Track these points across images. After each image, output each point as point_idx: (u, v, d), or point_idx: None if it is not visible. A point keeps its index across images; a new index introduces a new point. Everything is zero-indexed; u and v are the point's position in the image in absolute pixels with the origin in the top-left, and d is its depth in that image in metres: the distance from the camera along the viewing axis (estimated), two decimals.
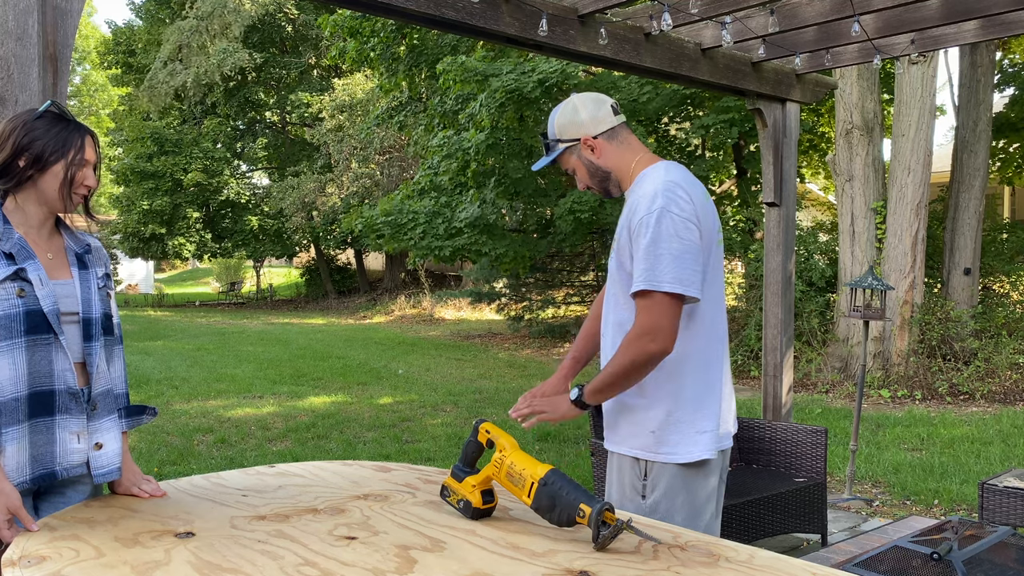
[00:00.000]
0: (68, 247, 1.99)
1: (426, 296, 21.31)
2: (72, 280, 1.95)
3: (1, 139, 1.87)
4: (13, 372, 1.81)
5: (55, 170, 1.89)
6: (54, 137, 1.89)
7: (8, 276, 1.81)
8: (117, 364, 2.07)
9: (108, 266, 2.08)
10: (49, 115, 1.91)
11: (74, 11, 2.31)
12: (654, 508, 2.11)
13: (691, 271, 2.01)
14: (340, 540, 1.65)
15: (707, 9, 3.58)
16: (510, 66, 11.03)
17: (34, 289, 1.84)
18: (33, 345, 1.84)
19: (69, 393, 1.88)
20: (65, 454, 1.88)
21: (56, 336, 1.86)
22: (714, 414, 2.13)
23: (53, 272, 1.92)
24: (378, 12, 3.14)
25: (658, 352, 2.01)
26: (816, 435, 4.07)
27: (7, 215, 1.89)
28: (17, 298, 1.82)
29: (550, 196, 13.03)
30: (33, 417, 1.84)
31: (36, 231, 1.93)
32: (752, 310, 10.70)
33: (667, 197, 2.03)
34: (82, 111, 44.78)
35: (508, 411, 2.31)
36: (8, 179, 1.88)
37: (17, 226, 1.89)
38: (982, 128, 9.93)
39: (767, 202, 4.85)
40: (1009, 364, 8.84)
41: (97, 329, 1.96)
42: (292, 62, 26.25)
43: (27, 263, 1.85)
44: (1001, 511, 3.72)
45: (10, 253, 1.83)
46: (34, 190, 1.90)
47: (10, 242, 1.84)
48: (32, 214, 1.92)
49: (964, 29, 4.08)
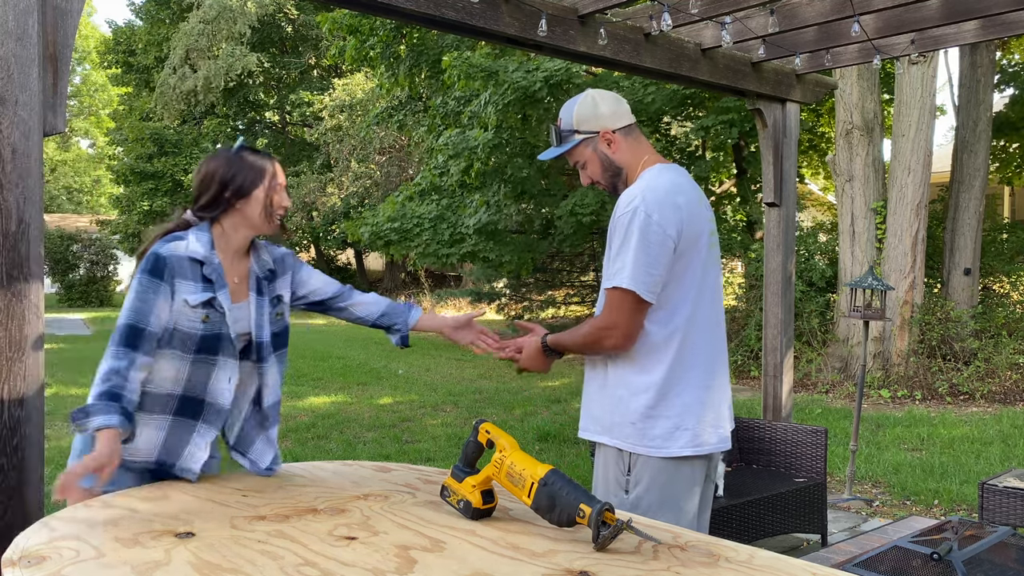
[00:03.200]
0: (252, 271, 2.22)
1: (426, 296, 21.31)
2: (247, 303, 2.18)
3: (208, 177, 2.14)
4: (174, 375, 2.08)
5: (256, 195, 2.14)
6: (249, 168, 2.15)
7: (202, 302, 2.07)
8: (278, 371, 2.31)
9: (288, 279, 2.30)
10: (244, 150, 2.17)
11: (74, 11, 2.31)
12: (636, 504, 2.11)
13: (647, 274, 2.05)
14: (340, 540, 1.65)
15: (707, 9, 3.58)
16: (515, 64, 11.01)
17: (219, 317, 2.09)
18: (200, 362, 2.09)
19: (216, 409, 2.13)
20: (190, 457, 2.10)
21: (224, 357, 2.11)
22: (701, 413, 2.13)
23: (234, 296, 2.15)
24: (378, 12, 3.14)
25: (611, 348, 2.12)
26: (816, 435, 4.07)
27: (215, 239, 2.14)
28: (201, 323, 2.07)
29: (554, 196, 13.01)
30: (179, 415, 2.09)
31: (232, 255, 2.17)
32: (752, 310, 10.70)
33: (644, 199, 2.07)
34: (82, 111, 44.75)
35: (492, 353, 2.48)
36: (215, 208, 2.14)
37: (220, 251, 2.15)
38: (982, 128, 9.93)
39: (767, 202, 4.85)
40: (1009, 364, 8.84)
41: (267, 351, 2.21)
42: (292, 62, 26.26)
43: (220, 291, 2.10)
44: (1001, 511, 3.72)
45: (210, 278, 2.09)
46: (238, 216, 2.15)
47: (211, 267, 2.10)
48: (235, 239, 2.17)
49: (964, 29, 4.08)
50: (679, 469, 2.12)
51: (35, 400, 2.20)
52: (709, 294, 2.19)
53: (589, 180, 2.30)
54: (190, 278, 2.07)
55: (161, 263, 2.04)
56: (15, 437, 2.15)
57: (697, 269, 2.14)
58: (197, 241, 2.10)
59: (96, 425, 1.89)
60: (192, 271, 2.07)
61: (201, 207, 2.15)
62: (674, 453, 2.10)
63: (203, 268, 2.08)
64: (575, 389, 9.51)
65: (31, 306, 2.20)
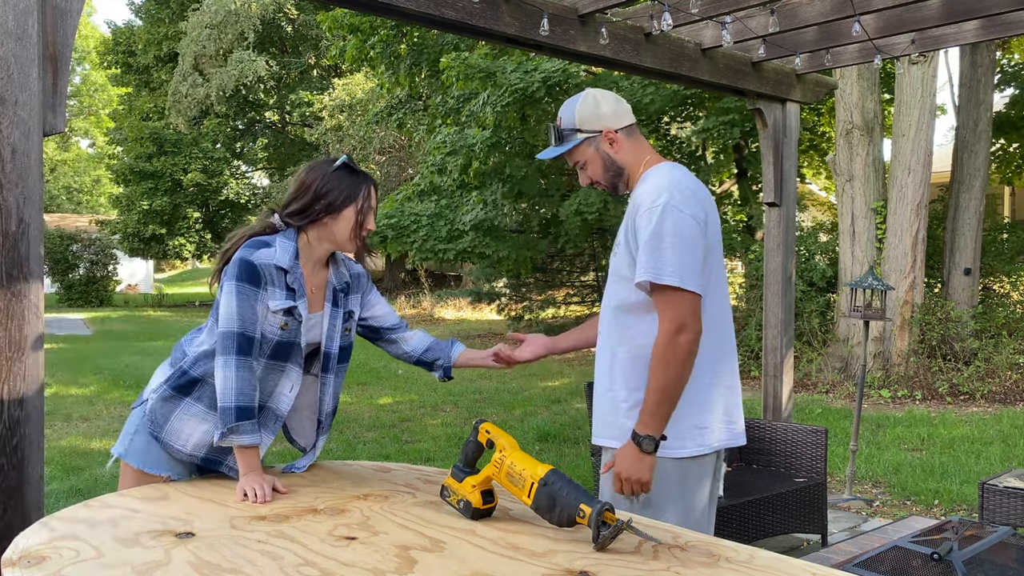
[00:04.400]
0: (330, 282, 2.26)
1: (426, 296, 21.30)
2: (322, 314, 2.23)
3: (304, 186, 2.17)
4: None
5: (347, 214, 2.17)
6: (348, 186, 2.17)
7: (284, 309, 2.12)
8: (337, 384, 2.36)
9: (359, 298, 2.35)
10: (344, 167, 2.18)
11: (74, 11, 2.30)
12: (647, 504, 2.11)
13: (692, 266, 2.03)
14: (340, 540, 1.65)
15: (707, 9, 3.58)
16: (513, 64, 11.01)
17: (296, 326, 2.14)
18: (270, 368, 2.15)
19: (275, 414, 2.19)
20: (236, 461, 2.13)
21: (292, 364, 2.17)
22: (711, 411, 2.13)
23: (311, 305, 2.20)
24: (378, 12, 3.14)
25: (691, 340, 2.03)
26: (816, 435, 4.07)
27: (300, 248, 2.18)
28: (280, 329, 2.12)
29: (553, 196, 13.01)
30: None
31: (313, 266, 2.21)
32: (752, 310, 10.70)
33: (672, 193, 2.06)
34: (82, 111, 44.74)
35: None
36: (303, 217, 2.16)
37: (304, 261, 2.19)
38: (982, 128, 9.92)
39: (767, 202, 4.85)
40: (1009, 364, 8.84)
41: (333, 363, 2.25)
42: (292, 62, 26.24)
43: (300, 300, 2.14)
44: (1001, 511, 3.72)
45: (292, 287, 2.13)
46: (324, 230, 2.18)
47: (294, 276, 2.14)
48: (318, 250, 2.21)
49: (964, 29, 4.08)
50: (689, 469, 2.12)
51: (35, 400, 2.19)
52: (721, 291, 2.20)
53: (588, 180, 2.28)
54: (276, 285, 2.11)
55: (255, 270, 2.08)
56: (15, 437, 2.15)
57: (714, 267, 2.15)
58: (283, 250, 2.14)
59: (243, 443, 2.03)
60: (278, 279, 2.12)
61: (290, 213, 2.18)
62: (684, 454, 2.10)
63: (287, 277, 2.13)
64: (575, 389, 9.50)
65: (31, 306, 2.19)
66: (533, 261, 13.66)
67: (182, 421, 2.14)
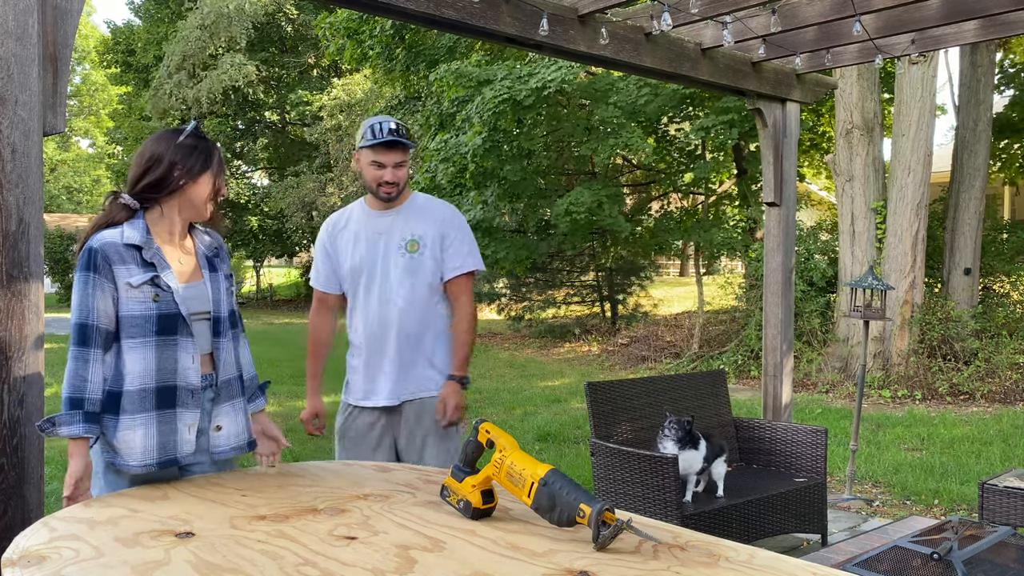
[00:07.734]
0: (199, 251, 2.24)
1: None
2: (203, 281, 2.21)
3: (154, 157, 2.13)
4: (143, 366, 2.08)
5: (204, 179, 2.16)
6: (201, 152, 2.15)
7: (146, 281, 2.08)
8: (244, 352, 2.36)
9: (229, 263, 2.36)
10: (192, 135, 2.16)
11: (74, 11, 2.31)
12: None
13: None
14: (340, 540, 1.65)
15: (707, 9, 3.58)
16: (505, 71, 11.03)
17: (168, 295, 2.10)
18: (163, 344, 2.10)
19: (188, 390, 2.14)
20: (182, 443, 2.13)
21: (183, 337, 2.12)
22: None
23: (186, 276, 2.18)
24: (378, 12, 3.14)
25: None
26: (816, 435, 4.07)
27: (150, 225, 2.14)
28: (152, 302, 2.09)
29: (550, 197, 13.01)
30: (160, 408, 2.10)
31: (170, 239, 2.18)
32: (752, 310, 10.70)
33: None
34: (82, 111, 44.74)
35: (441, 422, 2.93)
36: (161, 188, 2.13)
37: (157, 235, 2.15)
38: (982, 128, 9.92)
39: (767, 202, 4.85)
40: (1009, 364, 8.84)
41: (225, 326, 2.23)
42: (292, 62, 26.22)
43: (164, 272, 2.11)
44: (1001, 511, 3.72)
45: (151, 262, 2.10)
46: (181, 199, 2.16)
47: (151, 251, 2.11)
48: (175, 221, 2.18)
49: (964, 29, 4.08)
50: None
51: (35, 400, 2.19)
52: None
53: (395, 179, 2.82)
54: (129, 262, 2.08)
55: (93, 255, 2.06)
56: (15, 437, 2.15)
57: None
58: (132, 228, 2.11)
59: (63, 434, 1.97)
60: (130, 256, 2.08)
61: (145, 187, 2.13)
62: None
63: (142, 253, 2.10)
64: (575, 389, 9.50)
65: (31, 306, 2.20)
66: (531, 262, 13.66)
67: (121, 438, 2.07)
